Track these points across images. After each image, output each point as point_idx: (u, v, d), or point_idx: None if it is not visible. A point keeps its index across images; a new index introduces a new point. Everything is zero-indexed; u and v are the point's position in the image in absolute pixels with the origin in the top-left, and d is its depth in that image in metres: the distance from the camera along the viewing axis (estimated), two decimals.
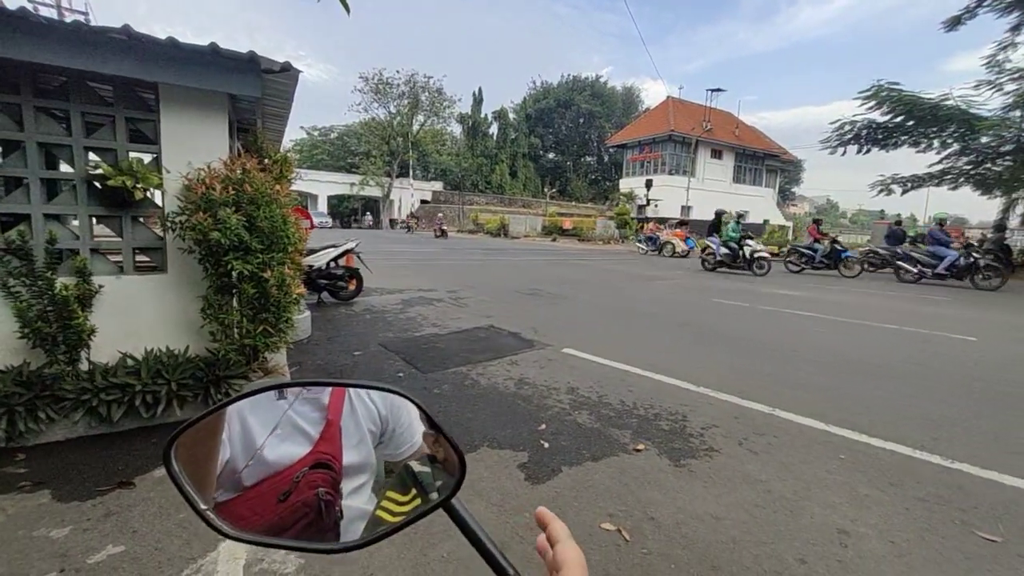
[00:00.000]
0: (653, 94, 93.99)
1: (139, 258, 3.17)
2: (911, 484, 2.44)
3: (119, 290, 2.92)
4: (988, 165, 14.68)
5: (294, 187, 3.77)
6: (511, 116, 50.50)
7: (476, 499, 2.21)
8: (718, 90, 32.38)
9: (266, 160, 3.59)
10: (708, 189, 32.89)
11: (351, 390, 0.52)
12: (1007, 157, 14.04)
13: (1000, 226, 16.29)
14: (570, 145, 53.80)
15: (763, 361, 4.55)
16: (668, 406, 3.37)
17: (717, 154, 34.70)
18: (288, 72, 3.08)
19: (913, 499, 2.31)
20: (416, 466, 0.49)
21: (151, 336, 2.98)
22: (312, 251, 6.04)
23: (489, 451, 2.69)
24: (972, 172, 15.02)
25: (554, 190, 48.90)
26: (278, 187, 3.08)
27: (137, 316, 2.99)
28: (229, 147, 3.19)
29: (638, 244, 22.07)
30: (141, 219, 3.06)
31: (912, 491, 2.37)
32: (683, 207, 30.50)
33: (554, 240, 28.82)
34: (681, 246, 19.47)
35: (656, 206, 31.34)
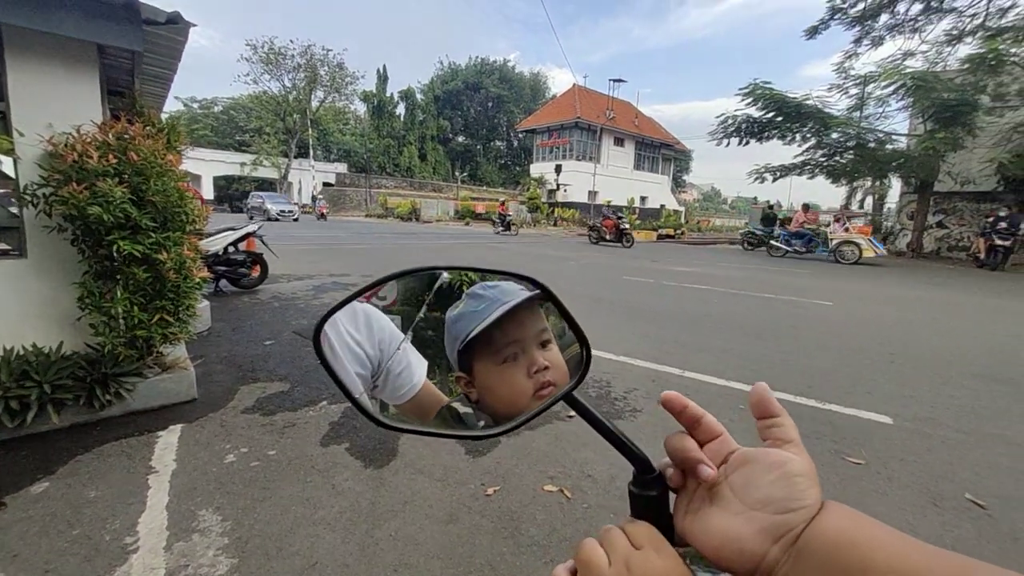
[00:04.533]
0: (559, 82, 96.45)
1: None
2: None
3: None
4: (837, 158, 17.22)
5: None
6: (419, 97, 48.81)
7: (419, 476, 2.19)
8: (619, 80, 34.16)
9: (147, 128, 3.13)
10: (612, 175, 34.75)
11: (329, 328, 0.48)
12: (850, 151, 16.58)
13: (845, 209, 19.24)
14: (479, 129, 53.52)
15: (671, 329, 4.99)
16: (592, 375, 3.57)
17: (620, 142, 36.70)
18: (176, 25, 2.69)
19: None
20: (460, 407, 0.48)
21: (10, 333, 2.50)
22: (208, 235, 5.41)
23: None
24: (825, 163, 17.51)
25: (465, 174, 48.47)
26: (170, 157, 2.72)
27: None
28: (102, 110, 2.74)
29: (774, 243, 15.08)
30: None
31: None
32: (590, 192, 31.93)
33: (467, 224, 28.70)
34: (870, 249, 12.96)
35: (565, 191, 32.48)
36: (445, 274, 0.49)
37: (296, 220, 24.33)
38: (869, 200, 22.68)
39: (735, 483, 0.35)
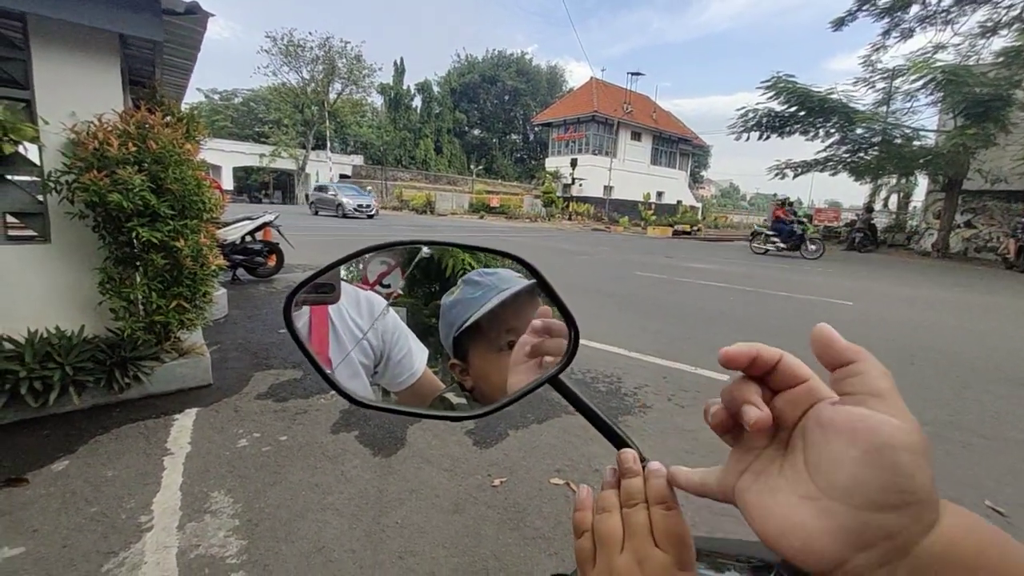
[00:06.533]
0: (577, 76, 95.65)
1: (15, 228, 2.70)
2: None
3: None
4: (861, 154, 16.75)
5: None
6: (435, 89, 48.77)
7: (427, 466, 2.20)
8: (637, 74, 33.57)
9: (168, 117, 3.18)
10: (629, 170, 34.33)
11: (334, 314, 0.48)
12: (875, 147, 16.12)
13: (868, 208, 18.80)
14: (495, 122, 53.29)
15: (684, 326, 4.93)
16: (603, 370, 3.55)
17: (637, 136, 36.21)
18: (195, 15, 2.72)
19: None
20: (452, 397, 0.47)
21: (35, 316, 2.57)
22: (225, 224, 5.50)
23: (435, 420, 2.68)
24: (849, 160, 17.07)
25: (480, 167, 48.37)
26: (188, 147, 2.75)
27: (13, 293, 2.56)
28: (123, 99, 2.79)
29: None
30: (12, 179, 2.59)
31: None
32: (605, 187, 31.63)
33: (482, 217, 28.71)
34: None
35: (581, 185, 32.24)
36: (425, 249, 0.49)
37: (372, 217, 21.26)
38: (894, 198, 22.06)
39: (809, 454, 0.24)
